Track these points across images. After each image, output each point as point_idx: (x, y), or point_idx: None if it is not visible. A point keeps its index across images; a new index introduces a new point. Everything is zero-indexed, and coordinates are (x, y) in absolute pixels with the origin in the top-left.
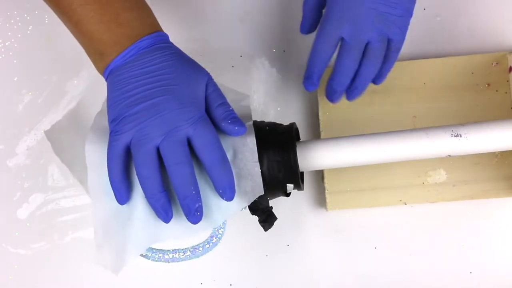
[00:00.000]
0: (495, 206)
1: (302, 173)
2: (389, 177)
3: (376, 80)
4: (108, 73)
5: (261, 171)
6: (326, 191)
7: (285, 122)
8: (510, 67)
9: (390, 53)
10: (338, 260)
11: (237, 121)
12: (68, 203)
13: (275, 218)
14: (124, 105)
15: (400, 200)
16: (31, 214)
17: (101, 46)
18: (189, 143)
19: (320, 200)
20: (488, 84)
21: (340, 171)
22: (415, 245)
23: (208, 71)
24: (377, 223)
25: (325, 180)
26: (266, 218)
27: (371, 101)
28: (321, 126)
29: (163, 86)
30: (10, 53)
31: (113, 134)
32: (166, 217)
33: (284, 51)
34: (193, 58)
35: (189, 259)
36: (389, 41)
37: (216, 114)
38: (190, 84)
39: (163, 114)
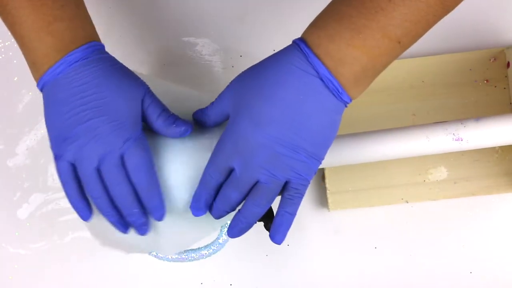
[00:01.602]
0: (496, 202)
1: None
2: (390, 176)
3: (272, 234)
4: (42, 87)
5: None
6: (328, 191)
7: None
8: (508, 62)
9: (286, 196)
10: (338, 260)
11: (180, 123)
12: (68, 203)
13: None
14: (61, 127)
15: (402, 199)
16: (31, 214)
17: (32, 55)
18: None
19: (321, 200)
20: (487, 80)
21: (340, 171)
22: (415, 245)
23: (208, 71)
24: (377, 223)
25: (326, 180)
26: (269, 220)
27: (370, 100)
28: None
29: (96, 108)
30: (10, 53)
31: (57, 158)
32: (124, 231)
33: None
34: (193, 58)
35: (194, 260)
36: (286, 183)
37: (158, 126)
38: (124, 102)
39: (98, 138)
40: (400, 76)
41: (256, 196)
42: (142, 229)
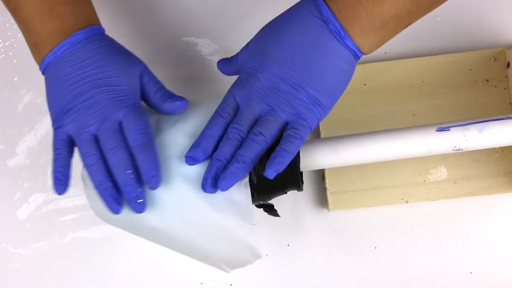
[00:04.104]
0: (496, 202)
1: (301, 172)
2: (390, 176)
3: (265, 168)
4: (44, 68)
5: (263, 176)
6: (328, 191)
7: None
8: (508, 62)
9: (285, 135)
10: (338, 260)
11: (175, 98)
12: (68, 203)
13: (277, 215)
14: (63, 102)
15: (402, 199)
16: (31, 214)
17: (35, 37)
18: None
19: (321, 200)
20: (487, 80)
21: (340, 171)
22: (415, 245)
23: (208, 71)
24: (377, 223)
25: (326, 180)
26: (271, 209)
27: (370, 100)
28: (320, 126)
29: (97, 80)
30: (10, 53)
31: (56, 129)
32: (115, 206)
33: None
34: (193, 58)
35: None
36: (287, 123)
37: (155, 100)
38: (124, 76)
39: (97, 105)
40: (400, 76)
41: (255, 129)
42: (138, 204)
